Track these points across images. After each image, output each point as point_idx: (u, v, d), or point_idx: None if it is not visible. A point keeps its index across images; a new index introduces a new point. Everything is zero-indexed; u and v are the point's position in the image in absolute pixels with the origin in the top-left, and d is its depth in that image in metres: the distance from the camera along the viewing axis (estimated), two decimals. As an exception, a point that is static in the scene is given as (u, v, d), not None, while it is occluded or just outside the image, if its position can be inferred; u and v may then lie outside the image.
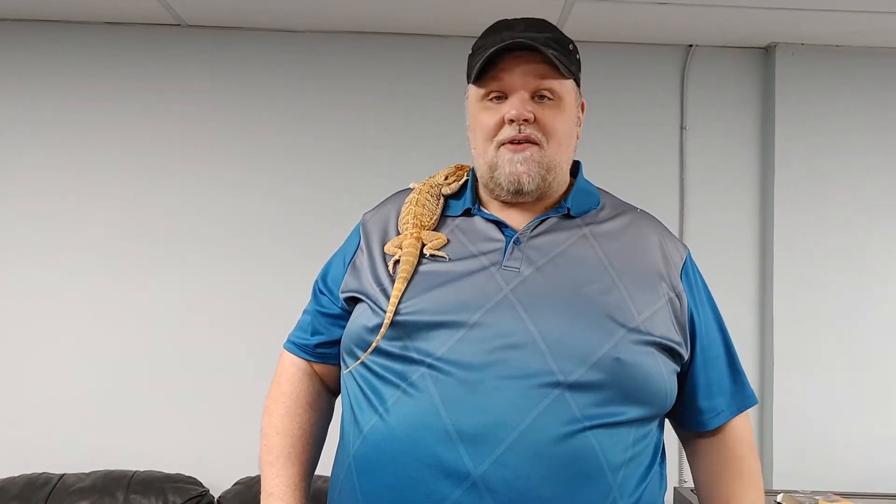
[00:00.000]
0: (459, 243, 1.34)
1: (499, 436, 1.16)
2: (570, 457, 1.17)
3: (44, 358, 2.85)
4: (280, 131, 2.96)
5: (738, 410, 1.40)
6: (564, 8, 2.66)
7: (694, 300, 1.36)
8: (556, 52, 1.29)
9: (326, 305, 1.42)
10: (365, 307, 1.32)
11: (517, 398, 1.17)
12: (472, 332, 1.22)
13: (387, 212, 1.44)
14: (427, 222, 1.36)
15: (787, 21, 2.76)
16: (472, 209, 1.38)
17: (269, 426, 1.42)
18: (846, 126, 2.97)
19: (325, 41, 2.97)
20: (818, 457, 2.86)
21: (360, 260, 1.39)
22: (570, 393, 1.18)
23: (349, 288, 1.37)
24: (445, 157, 1.74)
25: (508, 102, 1.31)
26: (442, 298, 1.26)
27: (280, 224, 2.93)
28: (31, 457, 2.76)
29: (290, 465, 1.38)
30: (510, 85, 1.31)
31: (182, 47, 2.95)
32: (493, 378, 1.19)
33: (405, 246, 1.32)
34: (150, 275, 2.89)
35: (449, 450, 1.17)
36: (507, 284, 1.26)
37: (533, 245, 1.31)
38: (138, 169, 2.92)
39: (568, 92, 1.34)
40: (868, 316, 2.93)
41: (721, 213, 3.00)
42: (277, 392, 1.44)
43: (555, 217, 1.36)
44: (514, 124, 1.30)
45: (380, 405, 1.24)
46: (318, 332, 1.43)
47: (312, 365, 1.45)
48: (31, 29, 2.91)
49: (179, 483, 2.66)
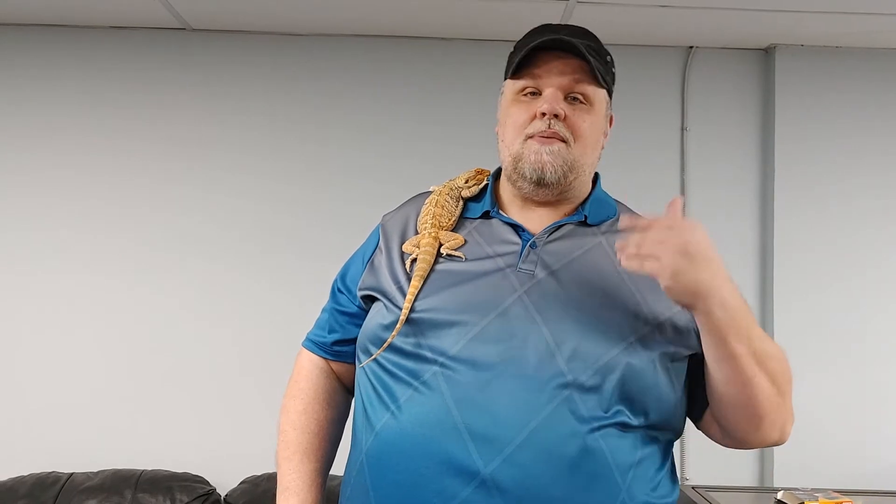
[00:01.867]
0: (476, 244, 1.35)
1: (508, 435, 1.18)
2: (579, 457, 1.18)
3: (52, 358, 2.88)
4: (285, 134, 2.98)
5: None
6: (566, 10, 2.68)
7: None
8: (594, 59, 1.32)
9: (344, 304, 1.45)
10: (381, 305, 1.34)
11: (527, 398, 1.19)
12: (485, 331, 1.24)
13: (406, 213, 1.46)
14: (446, 223, 1.38)
15: (786, 22, 2.78)
16: (490, 212, 1.40)
17: (286, 422, 1.44)
18: (846, 127, 2.98)
19: (329, 44, 2.99)
20: (819, 454, 2.86)
21: (378, 259, 1.40)
22: (580, 394, 1.20)
23: (367, 285, 1.39)
24: (448, 162, 1.77)
25: (542, 98, 1.33)
26: (456, 297, 1.28)
27: (289, 227, 2.95)
28: (39, 456, 2.79)
29: (307, 460, 1.40)
30: (546, 81, 1.33)
31: (187, 51, 2.97)
32: (504, 378, 1.20)
33: (423, 245, 1.34)
34: (160, 275, 2.92)
35: (459, 448, 1.18)
36: (521, 286, 1.28)
37: (548, 249, 1.33)
38: (144, 171, 2.94)
39: (600, 100, 1.36)
40: (868, 316, 2.95)
41: (722, 214, 3.01)
42: (295, 389, 1.47)
43: (572, 224, 1.37)
44: (544, 118, 1.31)
45: (392, 403, 1.26)
46: (335, 330, 1.45)
47: (329, 363, 1.47)
48: (38, 33, 2.94)
49: (186, 482, 2.69)
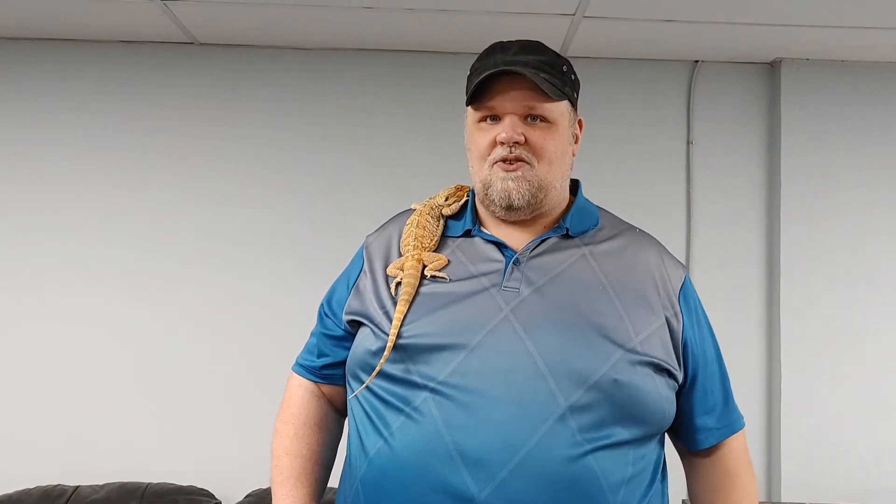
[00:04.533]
0: (460, 264, 1.36)
1: (502, 459, 1.18)
2: (572, 480, 1.19)
3: (58, 370, 2.89)
4: (292, 146, 2.99)
5: (730, 432, 1.43)
6: (571, 25, 2.69)
7: (691, 321, 1.37)
8: (547, 75, 1.32)
9: (331, 328, 1.45)
10: (368, 331, 1.34)
11: (519, 421, 1.19)
12: (473, 354, 1.24)
13: (389, 234, 1.46)
14: (428, 244, 1.38)
15: (792, 36, 2.78)
16: (472, 230, 1.40)
17: (279, 447, 1.44)
18: (852, 140, 2.97)
19: (334, 58, 3.00)
20: (825, 467, 2.86)
21: (363, 283, 1.41)
22: (571, 415, 1.20)
23: (352, 310, 1.39)
24: (447, 172, 1.77)
25: (500, 125, 1.33)
26: (443, 320, 1.28)
27: (300, 238, 2.95)
28: (45, 469, 2.79)
29: (301, 485, 1.41)
30: (502, 108, 1.33)
31: (194, 65, 2.99)
32: (495, 402, 1.21)
33: (406, 268, 1.34)
34: (167, 289, 2.93)
35: (453, 473, 1.19)
36: (507, 305, 1.28)
37: (532, 265, 1.33)
38: (152, 184, 2.95)
39: (561, 113, 1.36)
40: (875, 328, 2.94)
41: (728, 228, 3.01)
42: (286, 414, 1.47)
43: (554, 237, 1.38)
44: (504, 146, 1.32)
45: (384, 429, 1.26)
46: (324, 354, 1.46)
47: (320, 386, 1.48)
48: (46, 48, 2.96)
49: (192, 495, 2.68)
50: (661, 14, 2.61)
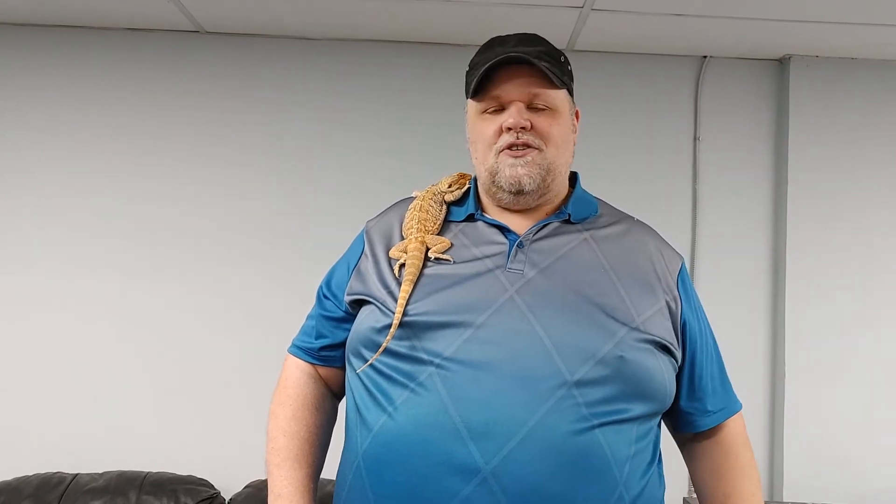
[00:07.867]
0: (463, 247, 1.37)
1: (508, 431, 1.18)
2: (578, 453, 1.20)
3: (58, 358, 2.88)
4: (298, 136, 2.98)
5: (729, 413, 1.46)
6: (580, 18, 2.67)
7: (689, 305, 1.41)
8: (548, 64, 1.35)
9: (331, 309, 1.45)
10: (372, 308, 1.34)
11: (526, 395, 1.20)
12: (479, 332, 1.24)
13: (390, 219, 1.47)
14: (431, 227, 1.40)
15: (801, 33, 2.77)
16: (475, 214, 1.42)
17: (275, 429, 1.44)
18: (860, 138, 2.96)
19: (341, 48, 2.99)
20: (829, 469, 2.85)
21: (364, 265, 1.41)
22: (577, 390, 1.21)
23: (354, 291, 1.39)
24: (448, 163, 1.77)
25: (506, 112, 1.36)
26: (448, 300, 1.29)
27: (305, 230, 2.95)
28: (45, 456, 2.79)
29: (299, 466, 1.40)
30: (507, 96, 1.36)
31: (200, 53, 2.98)
32: (502, 376, 1.21)
33: (410, 250, 1.35)
34: (166, 278, 2.92)
35: (459, 446, 1.19)
36: (512, 286, 1.29)
37: (536, 248, 1.35)
38: (156, 172, 2.95)
39: (562, 101, 1.39)
40: (880, 327, 2.92)
41: (734, 224, 3.00)
42: (283, 395, 1.47)
43: (556, 222, 1.40)
44: (511, 132, 1.34)
45: (388, 405, 1.26)
46: (323, 336, 1.46)
47: (317, 368, 1.48)
48: (52, 34, 2.95)
49: (191, 485, 2.68)
50: (669, 8, 2.60)
